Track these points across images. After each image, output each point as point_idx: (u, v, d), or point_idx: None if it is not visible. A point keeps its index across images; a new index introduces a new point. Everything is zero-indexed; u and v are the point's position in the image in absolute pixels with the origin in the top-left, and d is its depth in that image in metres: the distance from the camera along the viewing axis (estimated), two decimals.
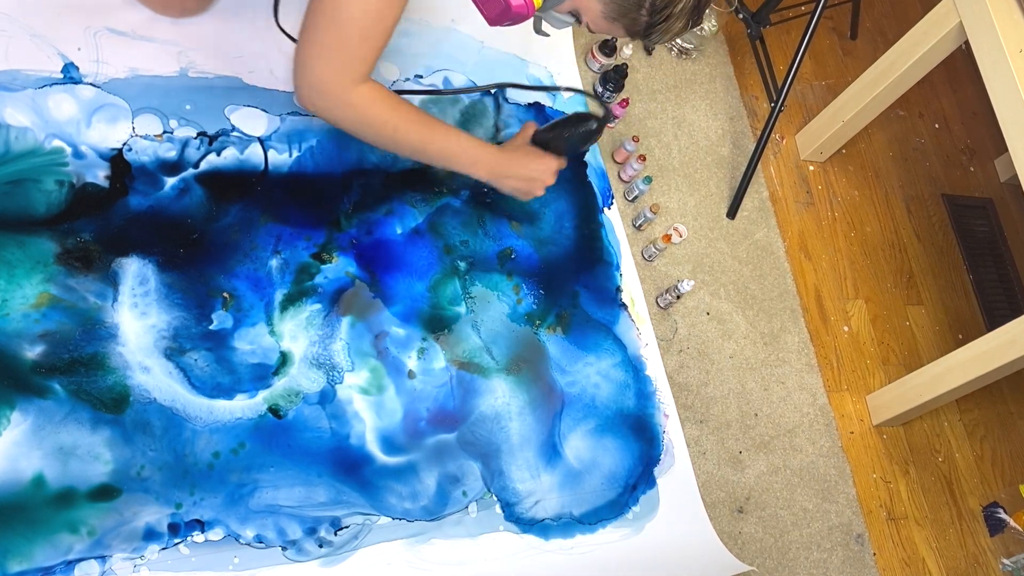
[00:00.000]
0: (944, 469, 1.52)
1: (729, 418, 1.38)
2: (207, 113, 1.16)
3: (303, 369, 1.09)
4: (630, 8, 0.90)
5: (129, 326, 1.02)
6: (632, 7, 0.90)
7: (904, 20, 1.91)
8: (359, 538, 1.05)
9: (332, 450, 1.07)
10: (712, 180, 1.56)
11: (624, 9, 0.90)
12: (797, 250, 1.59)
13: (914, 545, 1.44)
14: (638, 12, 0.90)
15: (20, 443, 0.93)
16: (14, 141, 1.04)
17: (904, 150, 1.80)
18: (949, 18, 1.32)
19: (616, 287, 1.34)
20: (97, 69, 1.11)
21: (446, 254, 1.24)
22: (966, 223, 1.77)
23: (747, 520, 1.31)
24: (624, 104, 1.46)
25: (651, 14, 0.89)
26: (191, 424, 1.01)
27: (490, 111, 1.36)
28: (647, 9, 0.89)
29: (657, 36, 0.92)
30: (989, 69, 1.25)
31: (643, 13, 0.89)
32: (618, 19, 0.92)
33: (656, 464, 1.26)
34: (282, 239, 1.14)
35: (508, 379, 1.20)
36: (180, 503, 0.98)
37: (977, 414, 1.59)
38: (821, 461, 1.42)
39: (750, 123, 1.65)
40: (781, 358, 1.47)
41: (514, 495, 1.15)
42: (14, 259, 1.00)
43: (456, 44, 1.38)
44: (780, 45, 1.74)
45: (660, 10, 0.89)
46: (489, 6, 0.94)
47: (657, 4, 0.88)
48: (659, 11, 0.89)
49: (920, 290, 1.67)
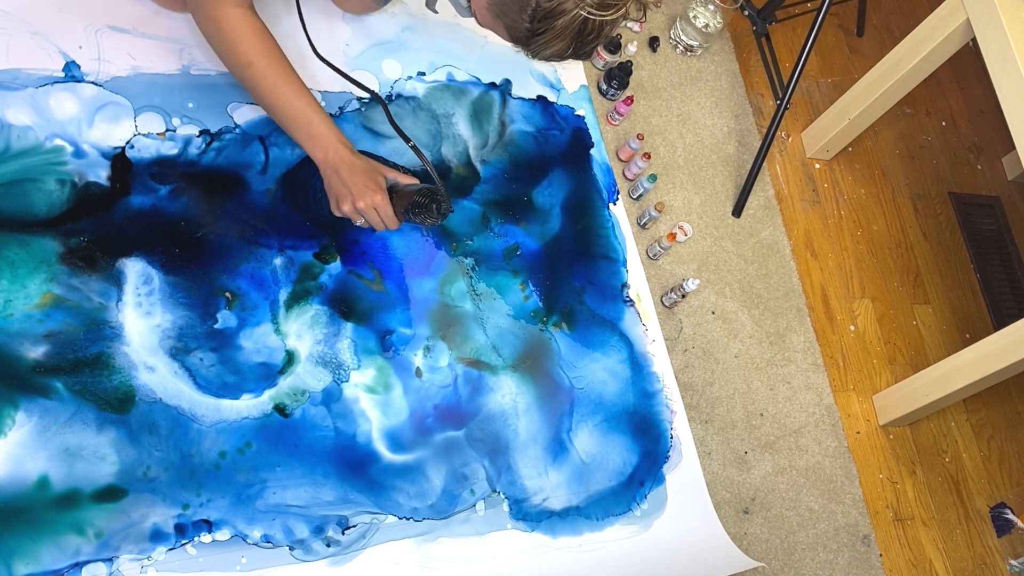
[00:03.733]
0: (951, 469, 1.52)
1: (734, 418, 1.37)
2: (209, 111, 1.15)
3: (309, 368, 1.09)
4: (513, 9, 0.87)
5: (133, 326, 1.02)
6: (515, 8, 0.86)
7: (911, 17, 1.90)
8: (367, 537, 1.04)
9: (339, 449, 1.06)
10: (717, 178, 1.55)
11: (506, 8, 0.87)
12: (803, 249, 1.58)
13: (921, 546, 1.43)
14: (519, 15, 0.86)
15: (26, 444, 0.93)
16: (15, 140, 1.03)
17: (911, 148, 1.79)
18: (956, 15, 1.31)
19: (622, 283, 1.33)
20: (99, 67, 1.11)
21: (452, 251, 1.24)
22: (973, 221, 1.76)
23: (753, 521, 1.31)
24: (629, 102, 1.45)
25: (532, 21, 0.86)
26: (197, 424, 1.01)
27: (496, 105, 1.35)
28: (529, 15, 0.86)
29: (536, 49, 0.89)
30: (997, 66, 1.24)
31: (524, 18, 0.86)
32: (501, 16, 0.89)
33: (664, 461, 1.25)
34: (286, 238, 1.14)
35: (515, 376, 1.20)
36: (187, 504, 0.97)
37: (984, 414, 1.59)
38: (827, 461, 1.41)
39: (756, 121, 1.64)
40: (787, 358, 1.46)
41: (522, 492, 1.14)
42: (17, 259, 0.99)
43: (459, 40, 1.37)
44: (786, 42, 1.73)
45: (541, 19, 0.85)
46: None
47: (539, 12, 0.85)
48: (540, 19, 0.85)
49: (927, 289, 1.66)
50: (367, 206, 1.04)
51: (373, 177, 1.05)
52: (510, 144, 1.34)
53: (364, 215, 1.06)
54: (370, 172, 1.05)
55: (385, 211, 1.05)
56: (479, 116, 1.34)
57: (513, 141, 1.35)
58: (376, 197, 1.04)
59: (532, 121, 1.38)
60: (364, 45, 1.30)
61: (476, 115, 1.33)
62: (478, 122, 1.33)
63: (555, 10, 0.84)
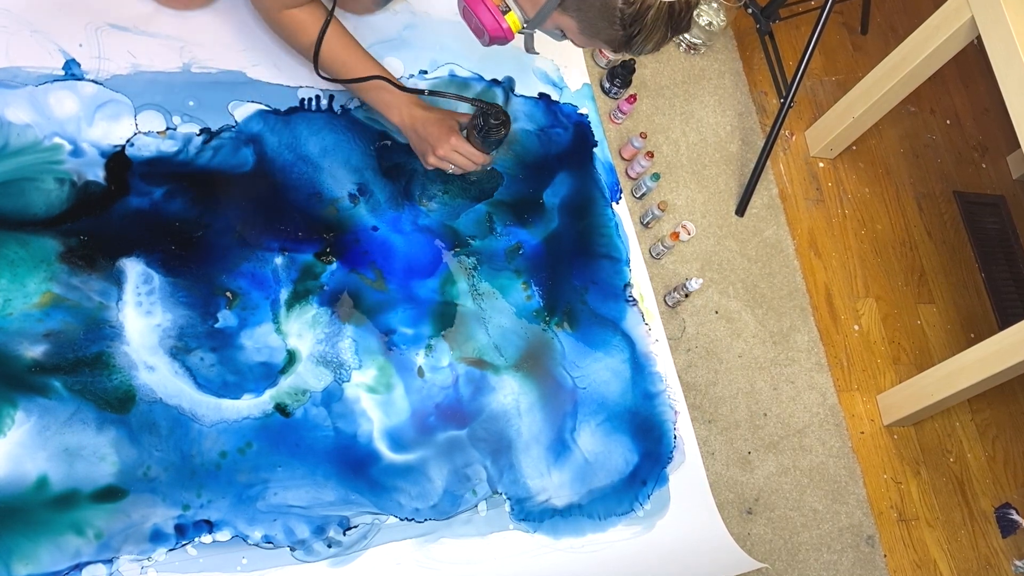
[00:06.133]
0: (956, 470, 1.51)
1: (738, 418, 1.37)
2: (210, 109, 1.14)
3: (310, 367, 1.08)
4: (603, 25, 0.89)
5: (133, 325, 1.01)
6: (604, 24, 0.89)
7: (915, 15, 1.89)
8: (368, 538, 1.04)
9: (340, 449, 1.06)
10: (721, 177, 1.54)
11: (597, 27, 0.90)
12: (807, 248, 1.57)
13: (925, 547, 1.43)
14: (611, 28, 0.89)
15: (25, 444, 0.92)
16: (15, 138, 1.03)
17: (915, 147, 1.78)
18: (961, 13, 1.30)
19: (625, 283, 1.33)
20: (99, 65, 1.10)
21: (454, 251, 1.23)
22: (978, 220, 1.75)
23: (756, 521, 1.30)
24: (632, 100, 1.45)
25: (624, 27, 0.88)
26: (198, 423, 1.00)
27: (498, 101, 1.35)
28: (619, 24, 0.88)
29: (639, 48, 0.91)
30: (1001, 65, 1.23)
31: (616, 28, 0.89)
32: (595, 35, 0.92)
33: (667, 462, 1.24)
34: (287, 237, 1.13)
35: (517, 376, 1.19)
36: (187, 504, 0.97)
37: (989, 414, 1.58)
38: (831, 462, 1.41)
39: (759, 119, 1.63)
40: (790, 357, 1.45)
41: (524, 491, 1.14)
42: (17, 258, 0.99)
43: (461, 38, 1.36)
44: (790, 40, 1.73)
45: (631, 22, 0.88)
46: (474, 30, 0.99)
47: (626, 18, 0.87)
48: (630, 23, 0.88)
49: (931, 288, 1.65)
50: (447, 152, 1.10)
51: (446, 123, 1.11)
52: (514, 142, 1.33)
53: (449, 160, 1.12)
54: (442, 120, 1.11)
55: (465, 149, 1.10)
56: None
57: (516, 139, 1.34)
58: (452, 139, 1.10)
59: (535, 119, 1.37)
60: (366, 43, 1.28)
61: None
62: None
63: (640, 10, 0.87)
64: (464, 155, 1.11)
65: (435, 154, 1.11)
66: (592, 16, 0.89)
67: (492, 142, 1.10)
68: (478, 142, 1.11)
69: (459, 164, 1.12)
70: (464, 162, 1.12)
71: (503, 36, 0.97)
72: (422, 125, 1.11)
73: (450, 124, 1.11)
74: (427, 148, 1.12)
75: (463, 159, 1.11)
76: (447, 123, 1.11)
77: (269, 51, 1.20)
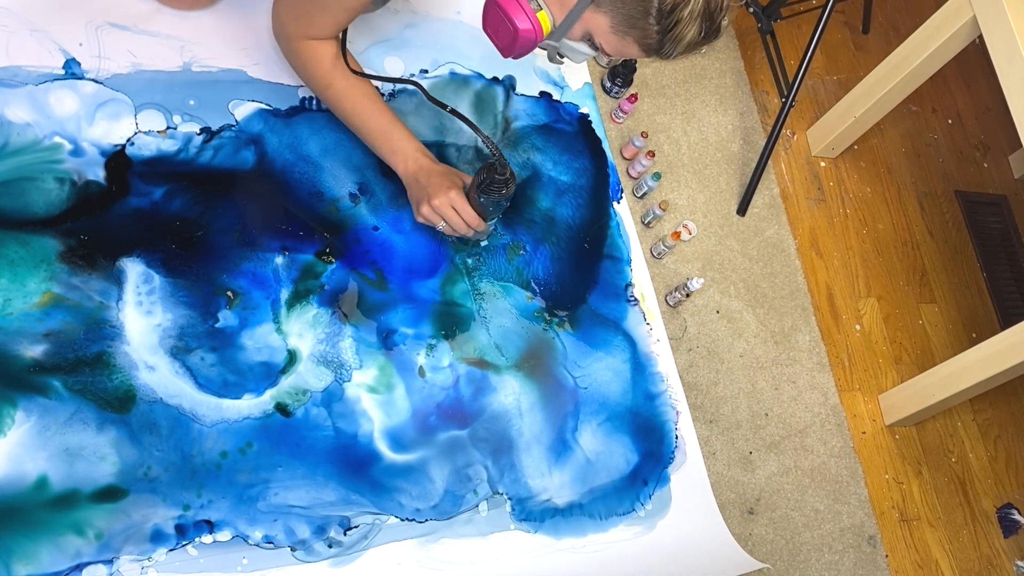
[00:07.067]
0: (957, 470, 1.51)
1: (739, 418, 1.36)
2: (211, 108, 1.14)
3: (310, 367, 1.08)
4: (637, 16, 0.87)
5: (134, 325, 1.01)
6: (639, 15, 0.86)
7: (917, 14, 1.89)
8: (369, 538, 1.04)
9: (341, 449, 1.06)
10: (722, 176, 1.54)
11: (632, 19, 0.87)
12: (808, 247, 1.57)
13: (927, 547, 1.42)
14: (646, 20, 0.86)
15: (25, 444, 0.92)
16: (14, 137, 1.03)
17: (917, 146, 1.78)
18: (963, 12, 1.30)
19: (626, 283, 1.32)
20: (99, 64, 1.10)
21: (455, 251, 1.23)
22: (980, 220, 1.75)
23: (757, 521, 1.30)
24: (633, 99, 1.44)
25: (659, 19, 0.86)
26: (198, 423, 1.00)
27: (499, 100, 1.34)
28: (655, 15, 0.85)
29: (670, 47, 0.89)
30: (1003, 64, 1.23)
31: (651, 20, 0.86)
32: (628, 31, 0.89)
33: (669, 462, 1.24)
34: (287, 237, 1.13)
35: (518, 376, 1.19)
36: (188, 504, 0.97)
37: (991, 414, 1.57)
38: (832, 462, 1.40)
39: (760, 119, 1.63)
40: (792, 357, 1.45)
41: (525, 491, 1.13)
42: (17, 257, 0.98)
43: (462, 37, 1.36)
44: (791, 39, 1.72)
45: (668, 14, 0.85)
46: (500, 35, 0.94)
47: (663, 8, 0.85)
48: (667, 15, 0.85)
49: (933, 288, 1.65)
50: (442, 203, 1.07)
51: (449, 177, 1.09)
52: (516, 141, 1.33)
53: (441, 213, 1.08)
54: (447, 174, 1.09)
55: (461, 206, 1.08)
56: (482, 108, 1.33)
57: (518, 137, 1.34)
58: (452, 192, 1.07)
59: (536, 117, 1.37)
60: (366, 43, 1.29)
61: (479, 107, 1.33)
62: (481, 114, 1.32)
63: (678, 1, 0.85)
64: (459, 212, 1.07)
65: (429, 203, 1.07)
66: (628, 9, 0.86)
67: (491, 202, 1.06)
68: (477, 202, 1.07)
69: (451, 221, 1.08)
70: (457, 220, 1.08)
71: (533, 38, 0.92)
72: (425, 175, 1.08)
73: (454, 179, 1.09)
74: (424, 197, 1.08)
75: (456, 217, 1.08)
76: (451, 177, 1.09)
77: (270, 50, 1.20)
